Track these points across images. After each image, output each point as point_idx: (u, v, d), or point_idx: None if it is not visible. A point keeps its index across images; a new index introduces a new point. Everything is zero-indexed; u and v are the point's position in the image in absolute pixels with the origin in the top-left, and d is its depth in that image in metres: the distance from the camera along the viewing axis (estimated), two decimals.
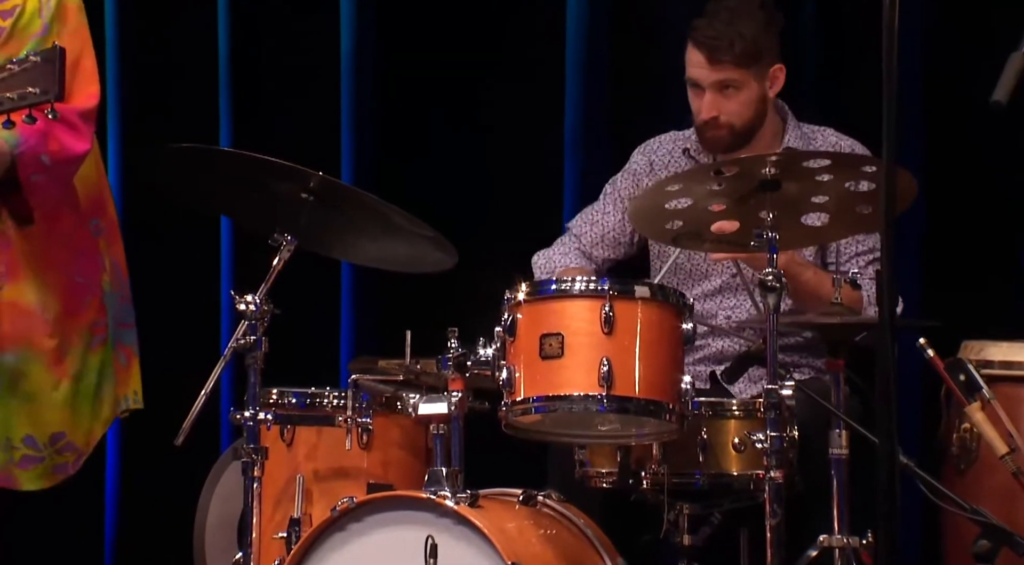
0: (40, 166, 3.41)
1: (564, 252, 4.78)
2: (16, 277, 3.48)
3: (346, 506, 4.00)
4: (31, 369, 3.49)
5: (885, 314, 3.18)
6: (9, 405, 3.48)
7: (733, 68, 4.57)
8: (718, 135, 4.61)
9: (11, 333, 3.47)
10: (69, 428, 3.54)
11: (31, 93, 3.17)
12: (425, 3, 5.57)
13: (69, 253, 3.54)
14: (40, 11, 3.47)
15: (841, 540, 4.03)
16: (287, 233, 4.24)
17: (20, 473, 3.48)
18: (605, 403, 3.93)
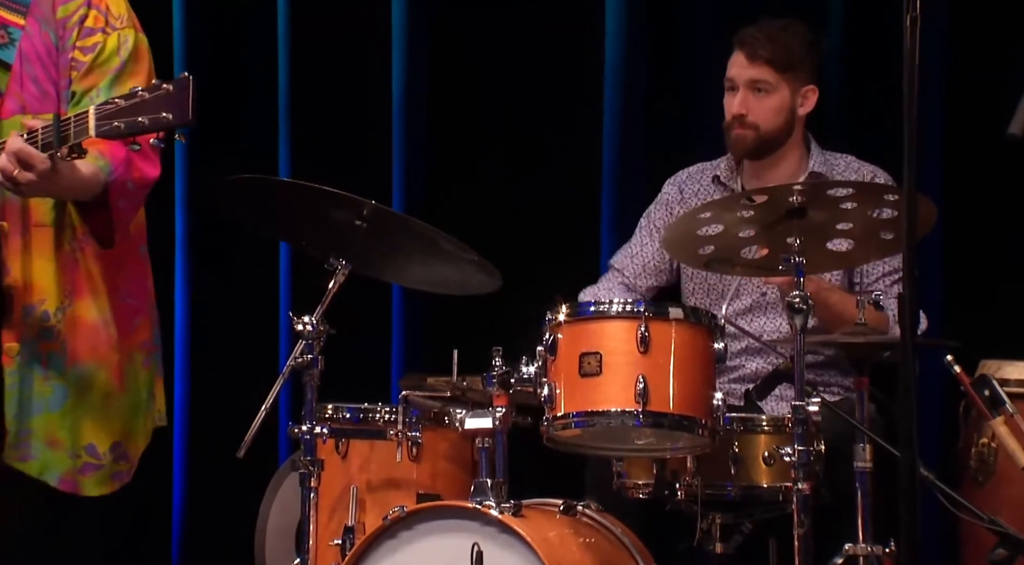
0: (126, 191, 3.44)
1: (609, 287, 4.80)
2: (82, 295, 3.49)
3: (397, 515, 4.00)
4: (97, 382, 3.50)
5: (907, 334, 3.17)
6: (77, 414, 3.49)
7: (769, 69, 4.58)
8: (743, 134, 4.61)
9: (83, 347, 3.47)
10: (125, 439, 3.55)
11: (164, 118, 3.19)
12: (474, 40, 5.57)
13: (124, 275, 3.55)
14: (119, 49, 3.49)
15: (865, 548, 4.01)
16: (341, 258, 4.25)
17: (83, 479, 3.49)
18: (641, 418, 3.92)
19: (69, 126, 3.23)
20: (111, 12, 3.50)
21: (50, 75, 3.46)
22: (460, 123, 5.60)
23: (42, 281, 3.46)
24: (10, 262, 3.44)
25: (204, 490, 5.72)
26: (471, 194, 5.48)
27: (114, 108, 3.21)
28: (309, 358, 4.13)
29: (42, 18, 3.48)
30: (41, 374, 3.46)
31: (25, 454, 3.45)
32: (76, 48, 3.47)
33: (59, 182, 3.30)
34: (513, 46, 5.53)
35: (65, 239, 3.48)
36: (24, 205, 3.44)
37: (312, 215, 4.24)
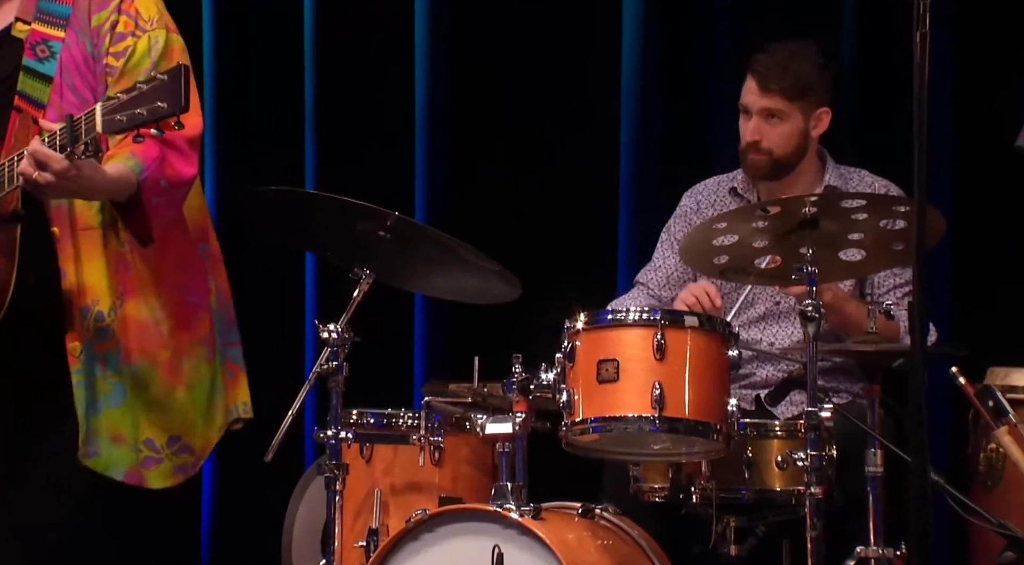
0: (159, 189, 3.44)
1: (635, 299, 4.78)
2: (134, 294, 3.51)
3: (420, 518, 4.00)
4: (152, 378, 3.51)
5: (917, 342, 3.16)
6: (135, 409, 3.51)
7: (780, 98, 4.56)
8: (758, 159, 4.60)
9: (135, 345, 3.48)
10: (184, 432, 3.56)
11: (160, 108, 3.19)
12: (494, 56, 5.57)
13: (180, 274, 3.56)
14: (149, 51, 3.49)
15: (877, 551, 4.00)
16: (366, 267, 4.25)
17: (146, 473, 3.51)
18: (657, 424, 3.92)
19: (80, 124, 3.24)
20: (141, 15, 3.50)
21: (88, 83, 3.48)
22: (481, 136, 5.61)
23: (94, 283, 3.47)
24: (65, 266, 3.45)
25: (233, 493, 5.73)
26: (492, 205, 5.49)
27: (117, 103, 3.22)
28: (334, 365, 4.13)
29: (79, 28, 3.49)
30: (100, 373, 3.48)
31: (93, 451, 3.48)
32: (109, 54, 3.48)
33: (83, 182, 3.30)
34: (532, 61, 5.54)
35: (112, 240, 3.49)
36: (71, 210, 3.46)
37: (337, 226, 4.24)
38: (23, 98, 3.45)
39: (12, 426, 3.50)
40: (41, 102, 3.44)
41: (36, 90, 3.45)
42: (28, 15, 3.49)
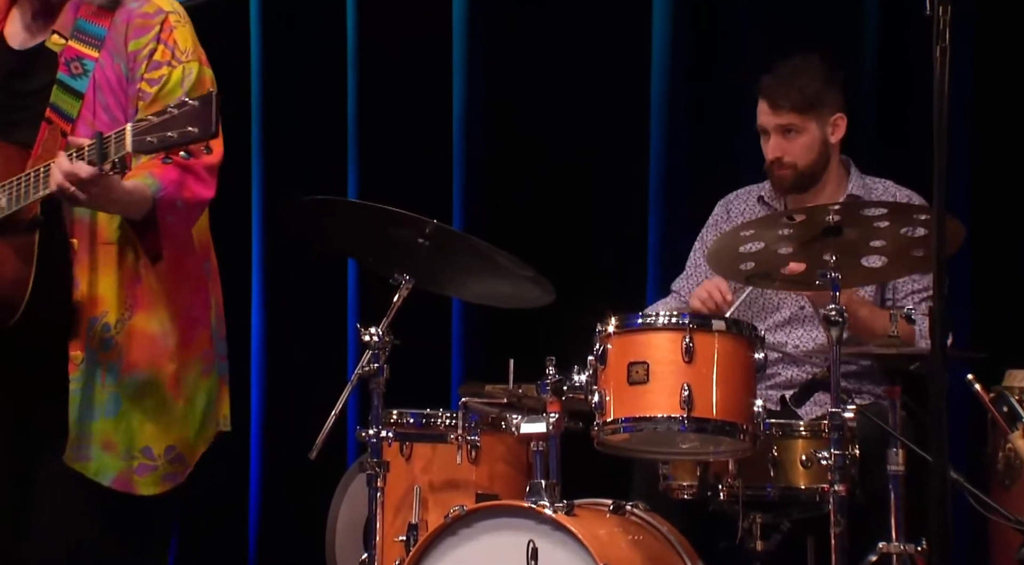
0: (175, 209, 3.43)
1: (667, 304, 4.78)
2: (143, 308, 3.49)
3: (457, 513, 4.00)
4: (154, 389, 3.50)
5: (937, 346, 3.14)
6: (133, 419, 3.49)
7: (793, 114, 4.56)
8: (783, 174, 4.59)
9: (139, 357, 3.47)
10: (180, 443, 3.55)
11: (190, 132, 3.19)
12: (529, 70, 5.58)
13: (186, 290, 3.55)
14: (182, 81, 3.48)
15: (898, 547, 3.98)
16: (405, 273, 4.26)
17: (138, 479, 3.49)
18: (686, 424, 3.91)
19: (110, 143, 3.24)
20: (178, 46, 3.50)
21: (120, 103, 3.47)
22: (516, 146, 5.61)
23: (106, 295, 3.45)
24: (79, 277, 3.44)
25: (278, 489, 5.75)
26: (526, 214, 5.49)
27: (148, 125, 3.22)
28: (375, 367, 4.14)
29: (115, 51, 3.48)
30: (100, 382, 3.45)
31: (84, 455, 3.45)
32: (144, 79, 3.47)
33: (110, 197, 3.30)
34: (565, 73, 5.54)
35: (128, 256, 3.47)
36: (92, 224, 3.45)
37: (378, 233, 4.25)
38: (54, 111, 3.44)
39: (14, 427, 3.49)
40: (71, 116, 3.44)
41: (67, 104, 3.45)
42: (65, 31, 3.49)
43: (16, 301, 3.36)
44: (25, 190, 3.33)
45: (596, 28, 5.49)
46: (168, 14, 3.51)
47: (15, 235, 3.37)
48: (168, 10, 3.52)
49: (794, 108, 4.55)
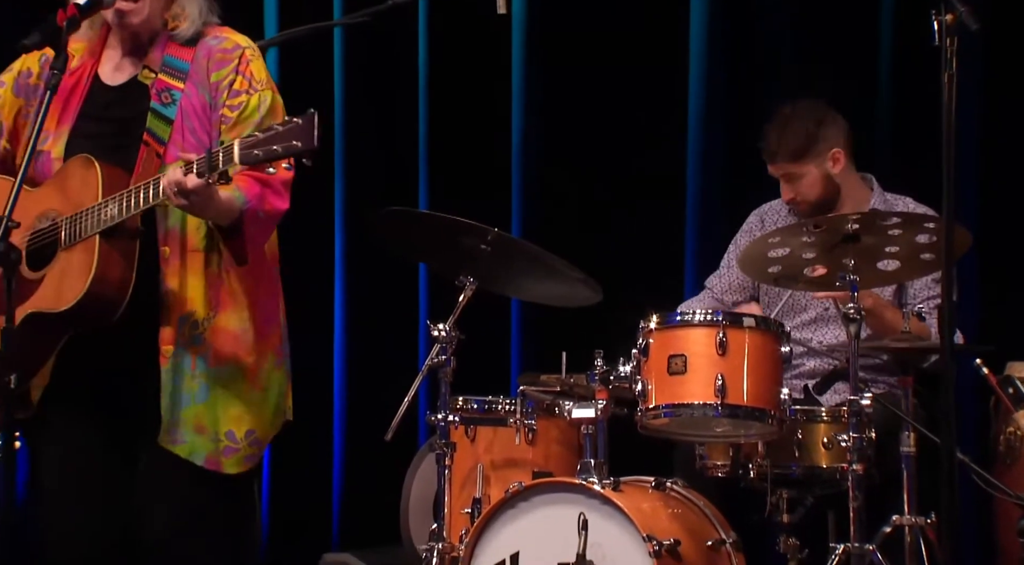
0: (257, 219, 3.45)
1: (701, 301, 4.76)
2: (225, 308, 3.50)
3: (516, 489, 4.00)
4: (236, 379, 3.50)
5: (947, 341, 3.12)
6: (219, 406, 3.49)
7: (787, 164, 4.56)
8: (802, 209, 4.60)
9: (224, 351, 3.48)
10: (258, 427, 3.54)
11: (294, 146, 3.20)
12: (580, 95, 5.56)
13: (262, 292, 3.56)
14: (259, 107, 3.50)
15: (910, 519, 3.95)
16: (470, 276, 4.25)
17: (224, 460, 3.49)
18: (720, 410, 3.90)
19: (218, 157, 3.26)
20: (254, 77, 3.51)
21: (204, 127, 3.48)
22: (567, 164, 5.60)
23: (194, 296, 3.46)
24: (170, 280, 3.45)
25: (358, 467, 5.75)
26: (577, 222, 5.47)
27: (255, 140, 3.23)
28: (443, 359, 4.14)
29: (199, 82, 3.49)
30: (190, 372, 3.45)
31: (178, 438, 3.45)
32: (225, 106, 3.48)
33: (210, 205, 3.32)
34: (610, 100, 5.52)
35: (213, 261, 3.48)
36: (182, 233, 3.46)
37: (445, 241, 4.24)
38: (150, 135, 3.46)
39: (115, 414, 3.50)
40: (163, 139, 3.45)
41: (160, 129, 3.46)
42: (155, 66, 3.51)
43: (120, 300, 3.37)
44: (134, 201, 3.34)
45: (638, 60, 5.47)
46: (244, 49, 3.53)
47: (121, 242, 3.39)
48: (244, 46, 3.54)
49: (788, 157, 4.55)
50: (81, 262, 3.37)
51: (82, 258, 3.37)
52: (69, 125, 3.52)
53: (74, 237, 3.39)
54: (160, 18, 3.52)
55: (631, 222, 5.46)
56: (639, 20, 5.47)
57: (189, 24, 3.52)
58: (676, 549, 3.85)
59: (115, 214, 3.34)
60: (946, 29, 3.10)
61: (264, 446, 3.56)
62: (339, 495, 5.79)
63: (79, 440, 3.50)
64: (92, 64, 3.57)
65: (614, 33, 5.50)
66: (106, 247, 3.36)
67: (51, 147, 3.51)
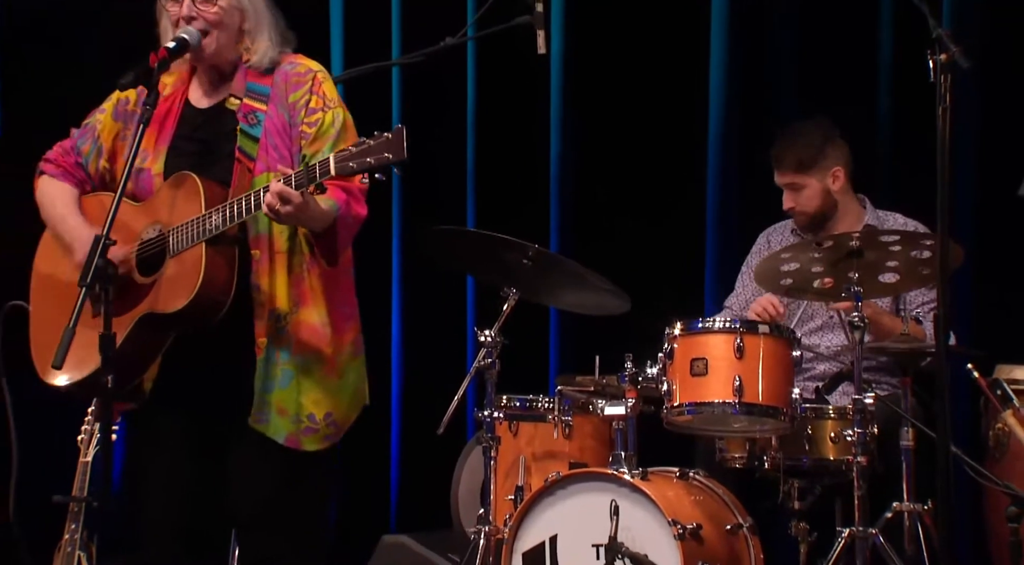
0: (346, 224, 3.47)
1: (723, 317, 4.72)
2: (306, 304, 3.51)
3: (554, 478, 4.01)
4: (316, 368, 3.52)
5: (942, 346, 3.11)
6: (300, 391, 3.50)
7: (792, 174, 4.53)
8: (799, 219, 4.59)
9: (306, 341, 3.50)
10: (336, 411, 3.55)
11: (386, 157, 3.22)
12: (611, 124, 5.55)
13: (338, 291, 3.57)
14: (333, 122, 3.51)
15: (909, 506, 3.95)
16: (512, 287, 4.26)
17: (304, 438, 3.51)
18: (737, 408, 3.91)
19: (315, 170, 3.28)
20: (327, 95, 3.53)
21: (285, 143, 3.50)
22: (600, 187, 5.58)
23: (279, 293, 3.47)
24: (260, 280, 3.46)
25: (413, 458, 5.73)
26: (609, 240, 5.45)
27: (348, 153, 3.24)
28: (489, 361, 4.15)
29: (279, 103, 3.52)
30: (276, 361, 3.47)
31: (264, 419, 3.47)
32: (304, 123, 3.50)
33: (308, 213, 3.34)
34: (637, 130, 5.51)
35: (296, 263, 3.50)
36: (269, 237, 3.48)
37: (490, 255, 4.25)
38: (241, 152, 3.49)
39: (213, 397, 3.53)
40: (252, 156, 3.48)
41: (249, 147, 3.49)
42: (240, 92, 3.54)
43: (224, 301, 3.40)
44: (235, 212, 3.37)
45: (662, 95, 5.46)
46: (316, 72, 3.56)
47: (224, 248, 3.41)
48: (316, 69, 3.57)
49: (792, 169, 4.52)
50: (190, 268, 3.39)
51: (190, 264, 3.39)
52: (166, 145, 3.55)
53: (181, 245, 3.41)
54: (233, 51, 3.55)
55: (656, 239, 5.44)
56: (663, 59, 5.46)
57: (260, 55, 3.55)
58: (698, 532, 3.86)
59: (219, 224, 3.36)
60: (941, 67, 3.10)
61: (342, 428, 3.56)
62: (396, 483, 5.79)
63: (180, 425, 3.53)
64: (183, 91, 3.61)
65: (640, 70, 5.49)
66: (211, 253, 3.38)
67: (151, 164, 3.55)
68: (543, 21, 4.27)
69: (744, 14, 5.37)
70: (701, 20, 5.39)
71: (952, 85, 3.05)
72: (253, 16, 3.55)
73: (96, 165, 3.65)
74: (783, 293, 4.19)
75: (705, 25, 5.38)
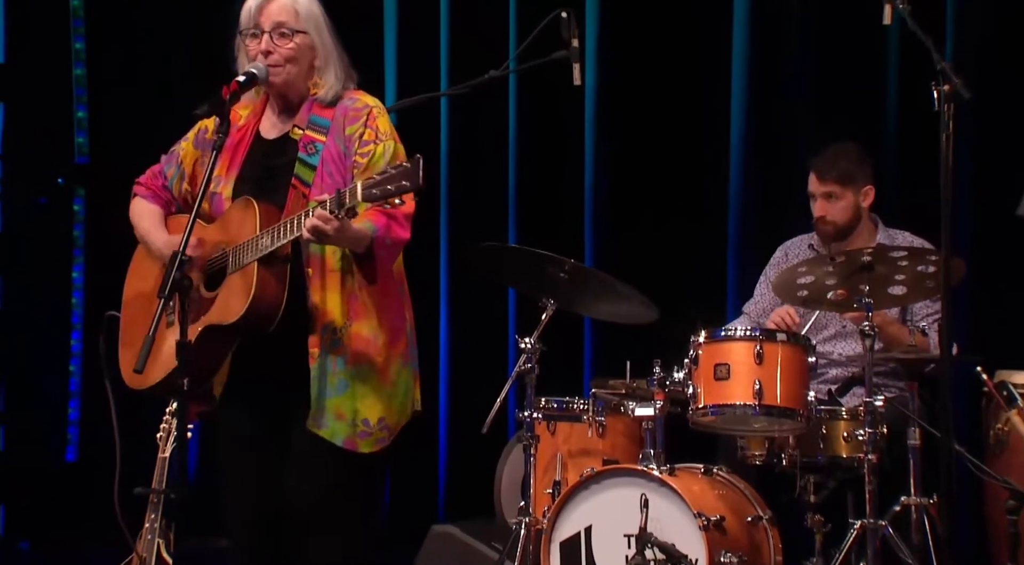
0: (385, 246, 3.46)
1: (741, 323, 4.70)
2: (359, 317, 3.50)
3: (589, 474, 4.00)
4: (370, 376, 3.51)
5: (945, 353, 3.11)
6: (355, 398, 3.49)
7: (834, 184, 4.50)
8: (826, 229, 4.54)
9: (360, 352, 3.50)
10: (388, 416, 3.54)
11: (404, 185, 3.22)
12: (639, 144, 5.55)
13: (388, 306, 3.56)
14: (384, 154, 3.51)
15: (916, 500, 3.93)
16: (550, 298, 4.25)
17: (359, 441, 3.49)
18: (757, 409, 3.90)
19: (345, 196, 3.29)
20: (380, 129, 3.53)
21: (340, 172, 3.51)
22: (631, 205, 5.59)
23: (333, 308, 3.47)
24: (314, 296, 3.47)
25: (460, 455, 5.74)
26: (639, 253, 5.46)
27: (373, 181, 3.25)
28: (529, 366, 4.14)
29: (336, 135, 3.53)
30: (331, 370, 3.47)
31: (322, 423, 3.47)
32: (357, 154, 3.50)
33: (344, 235, 3.35)
34: (666, 152, 5.52)
35: (348, 280, 3.49)
36: (322, 257, 3.48)
37: (530, 269, 4.25)
38: (298, 179, 3.50)
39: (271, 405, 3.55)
40: (308, 183, 3.49)
41: (305, 174, 3.50)
42: (303, 124, 3.55)
43: (275, 313, 3.41)
44: (284, 233, 3.39)
45: (686, 121, 5.47)
46: (372, 108, 3.56)
47: (275, 266, 3.43)
48: (372, 105, 3.57)
49: (835, 179, 4.49)
50: (243, 283, 3.41)
51: (244, 280, 3.41)
52: (236, 172, 3.58)
53: (239, 263, 3.44)
54: (304, 84, 3.58)
55: (682, 254, 5.44)
56: (686, 87, 5.47)
57: (327, 89, 3.57)
58: (721, 524, 3.86)
59: (268, 244, 3.38)
60: (944, 97, 3.11)
61: (395, 431, 3.54)
62: (444, 478, 5.79)
63: (247, 427, 3.55)
64: (255, 123, 3.63)
65: (665, 99, 5.50)
66: (263, 271, 3.40)
67: (222, 189, 3.58)
68: (578, 55, 4.28)
69: (762, 48, 5.38)
70: (722, 52, 5.40)
71: (955, 113, 3.06)
72: (323, 53, 3.58)
73: (179, 188, 3.70)
74: (799, 304, 4.19)
75: (726, 56, 5.39)
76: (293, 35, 3.53)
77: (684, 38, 5.48)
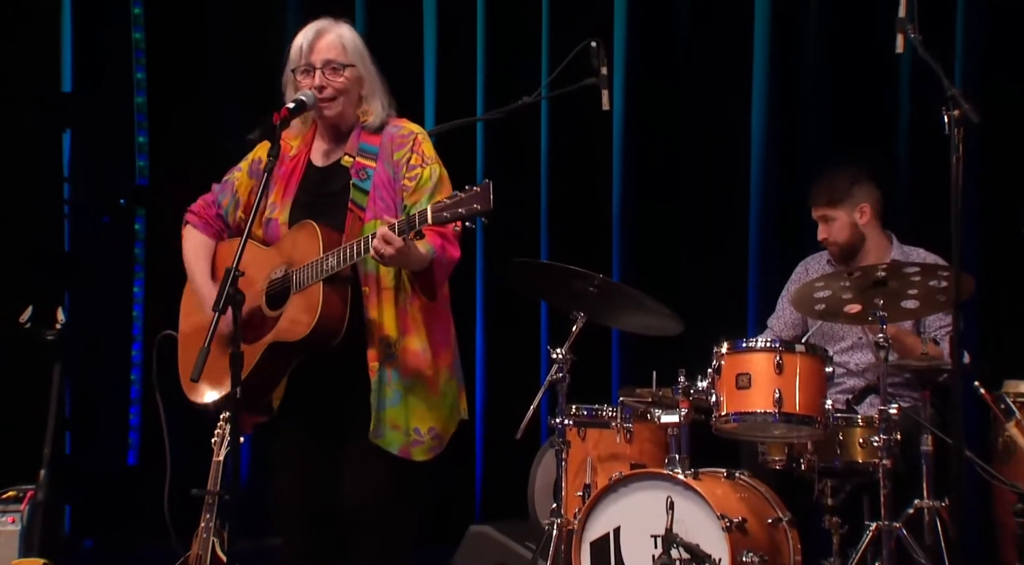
0: (442, 264, 3.49)
1: (764, 336, 4.69)
2: (409, 332, 3.53)
3: (617, 478, 4.00)
4: (420, 388, 3.53)
5: (956, 364, 3.10)
6: (408, 409, 3.51)
7: (825, 207, 4.51)
8: (831, 249, 4.56)
9: (411, 365, 3.52)
10: (438, 425, 3.56)
11: (475, 208, 3.24)
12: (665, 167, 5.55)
13: (438, 321, 3.59)
14: (431, 177, 3.55)
15: (929, 503, 3.92)
16: (580, 311, 4.25)
17: (413, 450, 3.52)
18: (777, 417, 3.90)
19: (415, 219, 3.31)
20: (425, 154, 3.56)
21: (390, 195, 3.54)
22: (657, 222, 5.58)
23: (387, 323, 3.50)
24: (371, 312, 3.50)
25: (495, 459, 5.74)
26: (664, 270, 5.45)
27: (443, 205, 3.27)
28: (561, 376, 4.15)
29: (385, 160, 3.56)
30: (387, 382, 3.50)
31: (380, 433, 3.50)
32: (406, 178, 3.54)
33: (409, 255, 3.38)
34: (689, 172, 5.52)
35: (401, 297, 3.52)
36: (377, 275, 3.51)
37: (561, 283, 4.25)
38: (353, 204, 3.53)
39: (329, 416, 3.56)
40: (363, 206, 3.52)
41: (360, 199, 3.53)
42: (353, 151, 3.58)
43: (338, 331, 3.44)
44: (348, 255, 3.41)
45: (710, 142, 5.47)
46: (416, 134, 3.59)
47: (338, 286, 3.45)
48: (416, 131, 3.60)
49: (825, 204, 4.51)
50: (310, 303, 3.43)
51: (310, 300, 3.43)
52: (291, 198, 3.61)
53: (303, 283, 3.46)
54: (353, 113, 3.61)
55: (706, 270, 5.43)
56: (709, 113, 5.47)
57: (375, 117, 3.60)
58: (743, 525, 3.85)
59: (334, 265, 3.41)
60: (954, 121, 3.10)
61: (444, 440, 3.55)
62: (481, 480, 5.80)
63: (302, 435, 3.58)
64: (306, 152, 3.66)
65: (690, 124, 5.51)
66: (328, 290, 3.42)
67: (278, 215, 3.60)
68: (607, 82, 4.30)
69: (782, 74, 5.37)
70: (743, 78, 5.40)
71: (964, 137, 3.06)
72: (369, 83, 3.61)
73: (234, 216, 3.73)
74: (817, 317, 4.17)
75: (747, 82, 5.39)
76: (343, 69, 3.56)
77: (706, 65, 5.49)
